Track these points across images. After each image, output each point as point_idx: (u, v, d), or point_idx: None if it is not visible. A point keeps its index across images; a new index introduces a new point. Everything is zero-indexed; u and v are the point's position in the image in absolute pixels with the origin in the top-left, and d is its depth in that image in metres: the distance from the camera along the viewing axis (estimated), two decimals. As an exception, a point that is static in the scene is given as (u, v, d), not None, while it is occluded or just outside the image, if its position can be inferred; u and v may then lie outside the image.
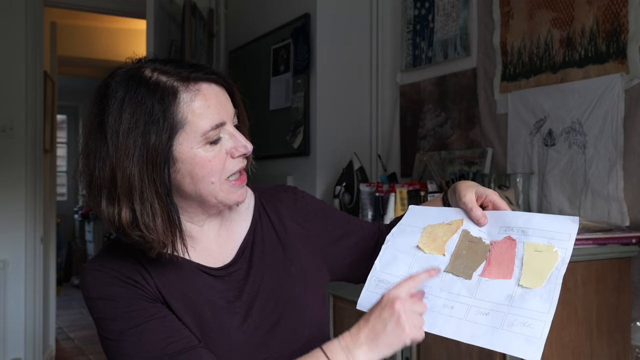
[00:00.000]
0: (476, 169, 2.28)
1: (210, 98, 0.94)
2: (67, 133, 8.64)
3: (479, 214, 0.95)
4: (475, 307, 0.87)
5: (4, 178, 3.40)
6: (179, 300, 0.96)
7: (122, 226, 0.91)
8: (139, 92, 0.91)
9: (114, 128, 0.90)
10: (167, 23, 3.32)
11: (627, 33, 1.82)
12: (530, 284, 0.86)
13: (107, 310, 0.93)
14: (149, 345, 0.91)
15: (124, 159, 0.89)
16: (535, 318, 0.82)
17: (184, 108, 0.91)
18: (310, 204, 1.15)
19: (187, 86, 0.93)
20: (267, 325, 1.00)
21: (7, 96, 3.38)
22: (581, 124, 1.95)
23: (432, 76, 2.61)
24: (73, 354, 4.60)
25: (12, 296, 3.41)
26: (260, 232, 1.07)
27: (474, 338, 0.85)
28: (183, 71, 0.94)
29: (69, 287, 7.32)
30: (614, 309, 1.70)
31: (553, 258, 0.87)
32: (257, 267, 1.03)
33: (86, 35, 5.49)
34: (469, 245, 0.94)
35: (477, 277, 0.90)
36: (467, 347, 1.68)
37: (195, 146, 0.92)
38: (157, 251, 0.93)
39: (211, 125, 0.93)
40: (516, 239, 0.91)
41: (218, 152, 0.94)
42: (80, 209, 7.95)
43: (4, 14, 3.37)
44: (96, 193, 0.93)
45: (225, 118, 0.95)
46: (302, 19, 2.84)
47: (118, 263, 0.96)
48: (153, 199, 0.90)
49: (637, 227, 1.78)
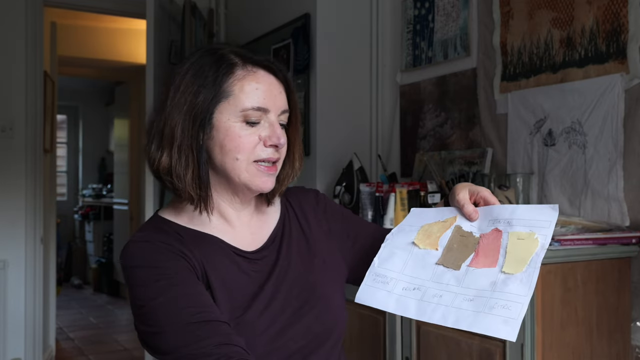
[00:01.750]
0: (476, 169, 2.28)
1: (262, 83, 1.02)
2: (67, 133, 8.64)
3: (470, 210, 1.00)
4: (462, 295, 0.92)
5: (4, 178, 3.39)
6: (218, 279, 1.01)
7: (158, 170, 1.01)
8: (206, 60, 1.02)
9: (177, 85, 1.01)
10: (167, 23, 3.31)
11: (627, 33, 1.82)
12: (512, 270, 0.91)
13: (145, 277, 0.96)
14: (179, 311, 0.92)
15: (174, 112, 1.00)
16: (514, 300, 0.87)
17: (235, 82, 1.00)
18: (330, 204, 1.23)
19: (245, 65, 1.02)
20: (291, 310, 1.05)
21: (7, 96, 3.38)
22: (581, 124, 1.95)
23: (432, 76, 2.61)
24: (73, 354, 4.60)
25: (12, 296, 3.41)
26: (289, 224, 1.15)
27: (457, 322, 0.89)
28: (251, 54, 1.03)
29: (69, 287, 7.32)
30: (614, 309, 1.70)
31: (534, 244, 0.92)
32: (284, 255, 1.10)
33: (86, 35, 5.49)
34: (460, 239, 1.00)
35: (465, 268, 0.95)
36: (467, 346, 1.69)
37: (233, 119, 1.00)
38: (186, 201, 1.02)
39: (252, 106, 1.00)
40: (502, 230, 0.97)
41: (251, 134, 1.01)
42: (80, 209, 7.95)
43: (4, 14, 3.37)
44: (150, 139, 1.03)
45: (270, 107, 1.02)
46: (302, 19, 2.84)
47: (165, 237, 1.01)
48: (188, 153, 0.99)
49: (637, 227, 1.78)
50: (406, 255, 1.02)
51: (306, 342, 1.04)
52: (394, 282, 0.98)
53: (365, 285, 1.01)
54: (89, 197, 7.89)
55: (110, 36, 5.55)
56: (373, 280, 1.01)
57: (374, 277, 1.01)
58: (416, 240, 1.03)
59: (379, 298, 0.98)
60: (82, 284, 7.49)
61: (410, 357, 1.88)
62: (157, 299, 0.94)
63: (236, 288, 1.02)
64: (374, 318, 1.99)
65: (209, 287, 1.00)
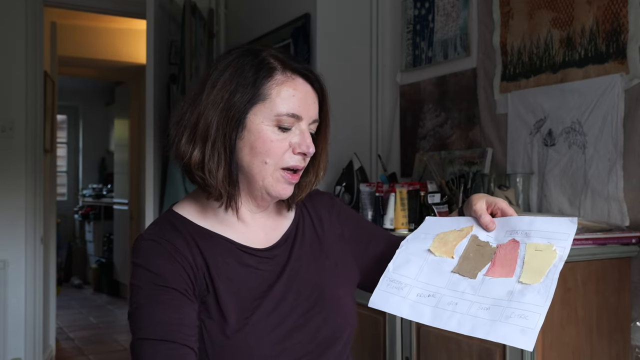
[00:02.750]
0: (476, 169, 2.28)
1: (299, 91, 1.03)
2: (67, 133, 8.64)
3: (487, 220, 1.01)
4: (478, 303, 0.92)
5: (4, 178, 3.40)
6: (225, 281, 1.02)
7: (189, 164, 1.02)
8: (246, 60, 1.03)
9: (214, 81, 1.02)
10: (167, 23, 3.31)
11: (627, 33, 1.82)
12: (530, 281, 0.91)
13: (142, 279, 0.98)
14: (149, 324, 0.95)
15: (210, 108, 1.00)
16: (531, 310, 0.87)
17: (273, 86, 1.01)
18: (344, 208, 1.24)
19: (285, 71, 1.03)
20: (301, 310, 1.05)
21: (7, 96, 3.38)
22: (581, 124, 1.95)
23: (432, 76, 2.61)
24: (73, 354, 4.60)
25: (12, 296, 3.41)
26: (302, 225, 1.15)
27: (473, 330, 0.89)
28: (290, 61, 1.04)
29: (69, 287, 7.32)
30: (614, 309, 1.70)
31: (552, 256, 0.93)
32: (296, 255, 1.10)
33: (86, 35, 5.49)
34: (477, 248, 1.00)
35: (482, 277, 0.96)
36: (468, 346, 1.69)
37: (266, 122, 1.01)
38: (214, 198, 1.03)
39: (287, 112, 1.01)
40: (519, 241, 0.97)
41: (283, 139, 1.02)
42: (80, 209, 7.95)
43: (4, 14, 3.37)
44: (180, 131, 1.03)
45: (303, 115, 1.03)
46: (302, 19, 2.84)
47: (174, 236, 1.02)
48: (221, 150, 1.00)
49: (637, 227, 1.78)
50: (421, 262, 1.03)
51: (314, 345, 1.04)
52: (408, 288, 0.99)
53: (379, 290, 1.02)
54: (89, 197, 7.89)
55: (110, 36, 5.55)
56: (387, 286, 1.01)
57: (388, 283, 1.02)
58: (432, 247, 1.03)
59: (392, 303, 0.99)
60: (82, 284, 7.49)
61: (410, 357, 1.88)
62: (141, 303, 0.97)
63: (244, 288, 1.03)
64: (374, 318, 1.99)
65: (213, 288, 1.00)
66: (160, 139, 3.07)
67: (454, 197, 2.20)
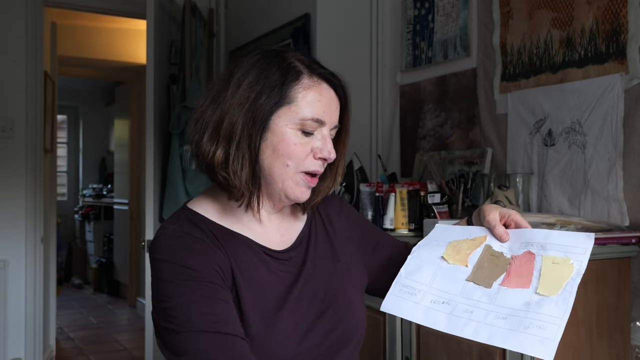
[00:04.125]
0: (476, 169, 2.28)
1: (324, 96, 1.04)
2: (67, 133, 8.64)
3: (501, 231, 1.02)
4: (494, 312, 0.93)
5: (4, 178, 3.40)
6: (246, 279, 1.01)
7: (212, 163, 1.01)
8: (272, 62, 1.03)
9: (238, 81, 1.01)
10: (167, 23, 3.31)
11: (627, 33, 1.82)
12: (547, 292, 0.92)
13: (172, 273, 0.95)
14: (198, 316, 0.92)
15: (235, 108, 1.00)
16: (550, 322, 0.88)
17: (299, 90, 1.01)
18: (352, 212, 1.25)
19: (311, 76, 1.03)
20: (315, 312, 1.05)
21: (7, 96, 3.38)
22: (581, 124, 1.95)
23: (432, 76, 2.61)
24: (73, 354, 4.60)
25: (12, 296, 3.41)
26: (315, 227, 1.16)
27: (490, 339, 0.90)
28: (315, 66, 1.05)
29: (69, 287, 7.32)
30: (614, 309, 1.70)
31: (569, 269, 0.93)
32: (311, 258, 1.11)
33: (86, 35, 5.49)
34: (491, 258, 1.01)
35: (497, 286, 0.96)
36: (468, 346, 1.69)
37: (290, 125, 1.01)
38: (235, 198, 1.03)
39: (312, 116, 1.01)
40: (535, 253, 0.98)
41: (305, 143, 1.02)
42: (80, 209, 7.95)
43: (4, 14, 3.37)
44: (201, 129, 1.02)
45: (327, 120, 1.04)
46: (302, 19, 2.84)
47: (197, 232, 1.01)
48: (245, 150, 1.00)
49: (637, 227, 1.78)
50: (434, 268, 1.03)
51: (327, 347, 1.04)
52: (421, 294, 1.00)
53: (392, 295, 1.02)
54: (89, 197, 7.89)
55: (110, 36, 5.54)
56: (400, 291, 1.02)
57: (401, 288, 1.02)
58: (445, 255, 1.04)
59: (405, 308, 0.99)
60: (82, 284, 7.50)
61: (410, 357, 1.88)
62: (179, 298, 0.93)
63: (266, 288, 1.03)
64: (374, 318, 1.98)
65: (235, 287, 1.00)
66: (160, 139, 3.07)
67: (454, 197, 2.20)
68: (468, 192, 2.18)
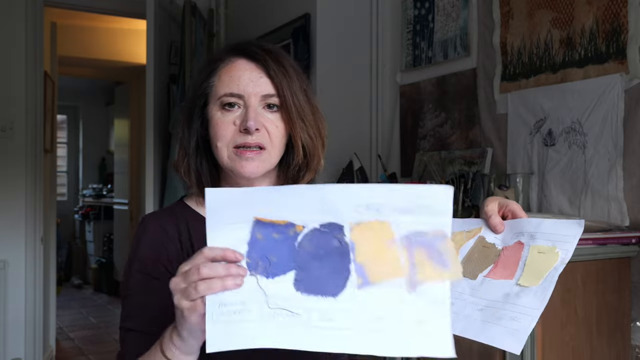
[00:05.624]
0: (476, 169, 2.28)
1: (237, 71, 1.03)
2: (67, 133, 8.63)
3: (496, 222, 1.01)
4: (472, 304, 0.92)
5: (4, 178, 3.39)
6: None
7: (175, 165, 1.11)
8: (202, 70, 1.09)
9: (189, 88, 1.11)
10: (167, 23, 3.32)
11: (627, 33, 1.82)
12: (528, 283, 0.91)
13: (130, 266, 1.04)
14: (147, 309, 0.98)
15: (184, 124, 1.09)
16: (524, 313, 0.87)
17: (216, 77, 1.05)
18: None
19: (229, 58, 1.05)
20: None
21: (7, 96, 3.38)
22: (581, 124, 1.95)
23: (432, 76, 2.61)
24: (73, 354, 4.60)
25: (12, 296, 3.41)
26: None
27: (464, 331, 0.90)
28: (236, 45, 1.07)
29: (69, 287, 7.32)
30: (614, 309, 1.70)
31: (554, 258, 0.92)
32: None
33: (86, 35, 5.49)
34: (482, 249, 1.00)
35: (482, 278, 0.96)
36: (468, 345, 1.68)
37: (215, 108, 1.04)
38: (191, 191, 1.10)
39: (225, 92, 1.02)
40: (524, 243, 0.97)
41: (228, 120, 1.03)
42: (80, 209, 7.95)
43: (4, 14, 3.37)
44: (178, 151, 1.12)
45: (244, 92, 1.02)
46: (302, 19, 2.84)
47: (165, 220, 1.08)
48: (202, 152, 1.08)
49: (637, 227, 1.78)
50: None
51: None
52: None
53: None
54: (89, 197, 7.88)
55: (110, 36, 5.55)
56: None
57: None
58: None
59: None
60: (82, 284, 7.49)
61: (410, 357, 1.88)
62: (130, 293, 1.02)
63: None
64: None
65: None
66: (160, 139, 3.07)
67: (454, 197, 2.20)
68: (468, 192, 2.18)
